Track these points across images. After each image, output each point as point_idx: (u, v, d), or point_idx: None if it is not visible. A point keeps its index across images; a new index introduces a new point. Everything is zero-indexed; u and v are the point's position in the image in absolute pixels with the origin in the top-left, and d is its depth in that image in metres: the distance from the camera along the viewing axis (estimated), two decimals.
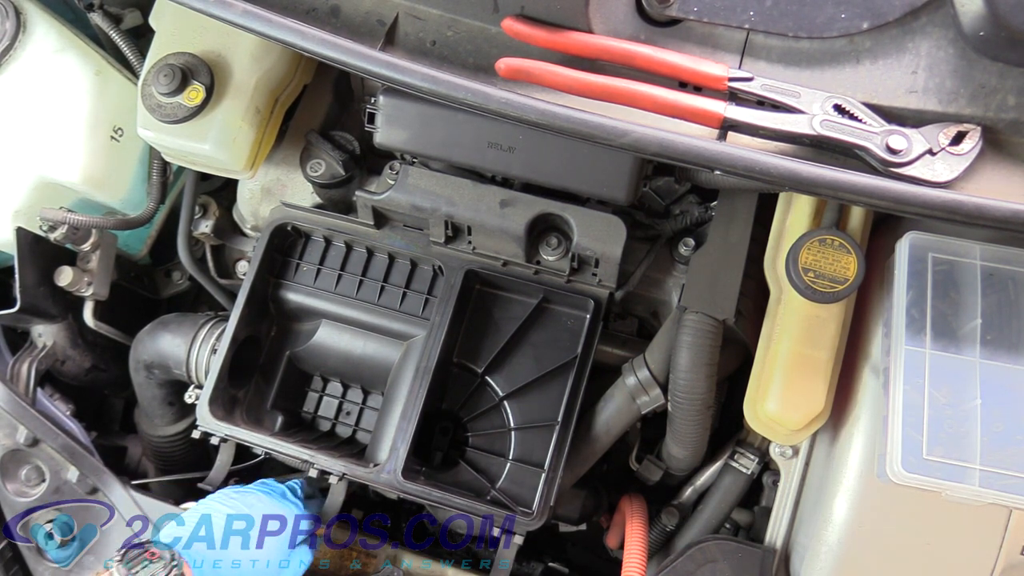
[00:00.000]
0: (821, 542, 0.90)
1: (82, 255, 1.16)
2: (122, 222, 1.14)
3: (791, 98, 0.78)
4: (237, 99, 1.04)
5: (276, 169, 1.17)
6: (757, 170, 0.75)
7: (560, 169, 0.98)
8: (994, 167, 0.78)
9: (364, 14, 0.87)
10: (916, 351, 0.80)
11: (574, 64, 0.81)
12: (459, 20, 0.86)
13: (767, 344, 0.94)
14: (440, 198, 1.03)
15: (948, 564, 0.86)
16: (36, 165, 1.07)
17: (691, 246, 1.06)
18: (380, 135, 1.01)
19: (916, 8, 0.76)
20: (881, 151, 0.76)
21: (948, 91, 0.77)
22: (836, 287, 0.86)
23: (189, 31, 1.04)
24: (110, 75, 1.13)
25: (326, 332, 1.14)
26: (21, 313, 1.11)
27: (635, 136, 0.77)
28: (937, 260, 0.84)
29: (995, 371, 0.79)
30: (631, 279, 1.08)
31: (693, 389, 0.96)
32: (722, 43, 0.81)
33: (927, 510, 0.85)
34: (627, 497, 1.13)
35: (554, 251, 1.05)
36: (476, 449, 1.07)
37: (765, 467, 1.09)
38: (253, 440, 1.05)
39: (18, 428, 1.08)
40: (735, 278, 0.98)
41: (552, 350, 1.08)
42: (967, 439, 0.77)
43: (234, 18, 0.82)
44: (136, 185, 1.17)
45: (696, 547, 0.99)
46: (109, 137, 1.12)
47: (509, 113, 0.79)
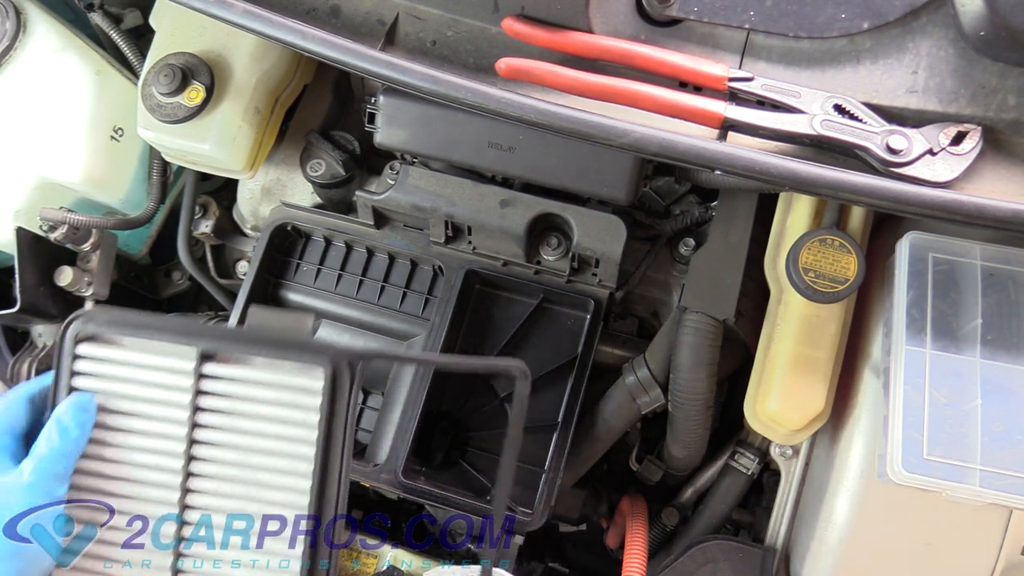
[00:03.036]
0: (821, 542, 0.90)
1: (82, 255, 1.16)
2: (122, 222, 1.14)
3: (791, 98, 0.78)
4: (237, 99, 1.04)
5: (276, 169, 1.17)
6: (757, 170, 0.75)
7: (560, 169, 0.98)
8: (994, 167, 0.78)
9: (364, 14, 0.87)
10: (916, 351, 0.80)
11: (574, 64, 0.81)
12: (459, 20, 0.86)
13: (767, 344, 0.94)
14: (440, 198, 1.03)
15: (948, 564, 0.86)
16: (36, 165, 1.07)
17: (691, 246, 1.06)
18: (380, 135, 1.01)
19: (916, 8, 0.76)
20: (881, 151, 0.76)
21: (948, 91, 0.77)
22: (836, 287, 0.86)
23: (189, 31, 1.05)
24: (110, 75, 1.13)
25: (326, 332, 1.14)
26: (21, 313, 1.11)
27: (635, 136, 0.77)
28: (937, 260, 0.84)
29: (995, 371, 0.79)
30: (631, 279, 1.08)
31: (693, 389, 0.96)
32: (722, 43, 0.81)
33: (927, 510, 0.85)
34: (627, 497, 1.13)
35: (554, 251, 1.05)
36: (476, 449, 1.07)
37: (765, 467, 1.09)
38: None
39: None
40: (735, 278, 0.98)
41: (552, 350, 1.08)
42: (967, 439, 0.77)
43: (234, 18, 0.82)
44: (136, 185, 1.17)
45: (696, 547, 0.99)
46: (109, 137, 1.12)
47: (509, 113, 0.79)
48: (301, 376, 0.72)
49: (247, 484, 0.73)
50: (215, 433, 0.73)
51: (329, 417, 0.72)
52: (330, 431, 0.72)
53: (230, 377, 0.73)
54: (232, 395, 0.73)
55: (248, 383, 0.73)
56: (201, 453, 0.73)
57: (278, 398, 0.73)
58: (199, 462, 0.73)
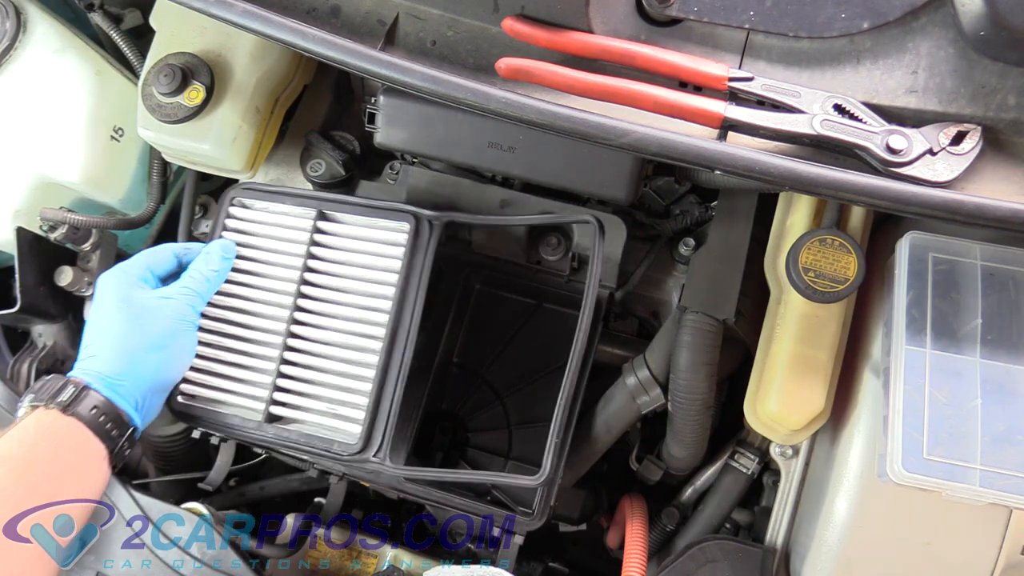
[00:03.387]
0: (821, 542, 0.90)
1: (82, 255, 1.16)
2: (122, 222, 1.14)
3: (791, 98, 0.78)
4: (237, 99, 1.04)
5: (276, 169, 1.17)
6: (757, 170, 0.75)
7: (560, 169, 0.98)
8: (994, 167, 0.78)
9: (364, 14, 0.88)
10: (916, 351, 0.80)
11: (574, 64, 0.81)
12: (459, 20, 0.86)
13: (767, 344, 0.94)
14: (440, 198, 1.03)
15: (948, 564, 0.86)
16: (36, 165, 1.07)
17: (691, 246, 1.06)
18: (380, 135, 1.01)
19: (916, 8, 0.76)
20: (881, 151, 0.76)
21: (948, 91, 0.77)
22: (836, 287, 0.86)
23: (189, 31, 1.05)
24: (110, 75, 1.13)
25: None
26: (21, 313, 1.11)
27: (635, 136, 0.77)
28: (937, 260, 0.84)
29: (996, 371, 0.79)
30: (631, 279, 1.08)
31: (693, 389, 0.96)
32: (722, 43, 0.81)
33: (927, 510, 0.85)
34: (627, 497, 1.13)
35: (554, 251, 1.05)
36: (476, 449, 1.07)
37: (765, 467, 1.09)
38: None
39: None
40: (735, 278, 0.98)
41: (552, 350, 1.08)
42: (967, 439, 0.77)
43: (234, 18, 0.82)
44: (136, 185, 1.17)
45: (696, 547, 0.99)
46: (109, 137, 1.12)
47: (509, 113, 0.79)
48: (392, 232, 0.96)
49: (340, 319, 0.95)
50: (321, 276, 0.97)
51: (408, 265, 0.94)
52: (408, 276, 0.94)
53: (337, 233, 0.98)
54: (338, 247, 0.97)
55: (351, 238, 0.97)
56: (308, 292, 0.96)
57: (373, 249, 0.96)
58: (306, 299, 0.96)
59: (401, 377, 0.92)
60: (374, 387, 0.91)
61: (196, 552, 0.97)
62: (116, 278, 0.92)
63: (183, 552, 0.97)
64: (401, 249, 0.94)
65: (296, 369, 0.95)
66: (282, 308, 0.96)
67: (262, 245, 0.99)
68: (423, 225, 0.94)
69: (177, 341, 0.91)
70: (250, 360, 0.96)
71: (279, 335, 0.95)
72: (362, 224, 0.97)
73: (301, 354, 0.96)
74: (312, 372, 0.95)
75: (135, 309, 0.90)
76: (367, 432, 0.91)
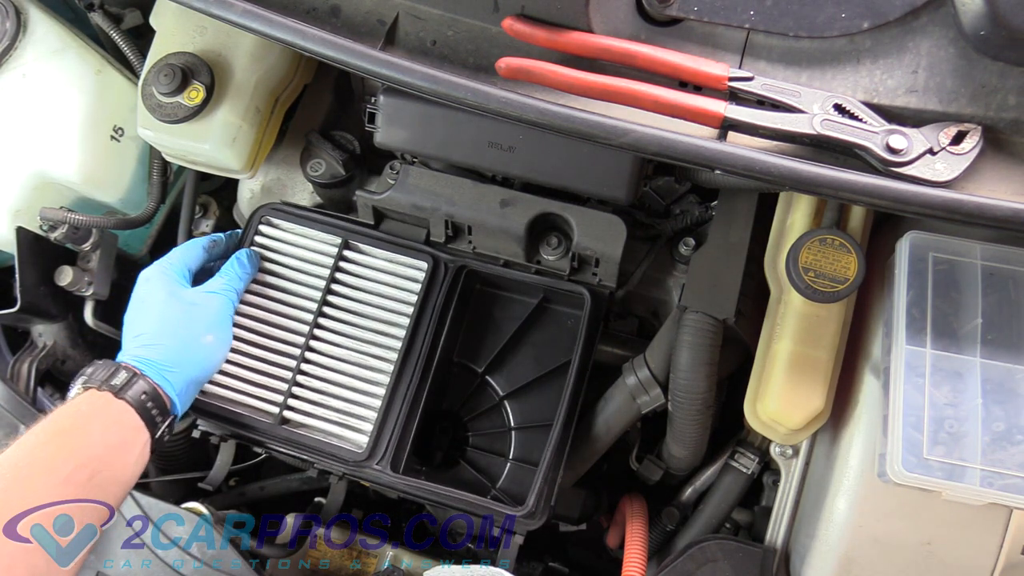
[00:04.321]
0: (821, 542, 0.90)
1: (82, 255, 1.16)
2: (123, 222, 1.14)
3: (791, 97, 0.78)
4: (237, 99, 1.04)
5: (276, 169, 1.17)
6: (757, 170, 0.75)
7: (560, 169, 0.98)
8: (994, 167, 0.78)
9: (364, 14, 0.87)
10: (916, 351, 0.80)
11: (574, 64, 0.81)
12: (459, 20, 0.86)
13: (767, 344, 0.94)
14: (440, 198, 1.03)
15: (948, 564, 0.86)
16: (36, 164, 1.07)
17: (691, 246, 1.06)
18: (380, 135, 1.01)
19: (916, 7, 0.76)
20: (881, 151, 0.76)
21: (948, 90, 0.77)
22: (836, 287, 0.85)
23: (189, 31, 1.04)
24: (110, 75, 1.13)
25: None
26: (21, 313, 1.11)
27: (635, 136, 0.77)
28: (938, 260, 0.84)
29: (996, 371, 0.79)
30: (631, 279, 1.08)
31: (693, 389, 0.96)
32: (722, 43, 0.81)
33: (927, 510, 0.85)
34: (627, 497, 1.13)
35: (554, 251, 1.05)
36: (476, 449, 1.07)
37: (765, 467, 1.09)
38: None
39: (19, 427, 1.08)
40: (735, 278, 0.98)
41: (552, 350, 1.08)
42: (967, 439, 0.77)
43: (234, 18, 0.82)
44: (136, 185, 1.17)
45: (696, 547, 0.99)
46: (109, 137, 1.12)
47: (509, 113, 0.79)
48: (411, 268, 1.06)
49: (356, 339, 1.04)
50: (342, 300, 1.06)
51: (423, 299, 1.04)
52: (422, 309, 1.04)
53: (360, 263, 1.07)
54: (360, 275, 1.06)
55: (373, 268, 1.07)
56: (329, 312, 1.05)
57: (392, 281, 1.06)
58: (326, 318, 1.05)
59: (408, 398, 1.00)
60: (383, 403, 1.00)
61: (196, 552, 0.97)
62: (162, 272, 0.99)
63: (183, 552, 0.97)
64: (418, 285, 1.05)
65: (311, 380, 1.03)
66: (303, 323, 1.05)
67: (288, 263, 1.07)
68: (440, 266, 1.05)
69: (223, 333, 0.99)
70: (269, 367, 1.03)
71: (298, 347, 1.04)
72: (384, 258, 1.07)
73: (317, 367, 1.04)
74: (326, 384, 1.03)
75: (185, 303, 0.97)
76: (373, 443, 0.99)
